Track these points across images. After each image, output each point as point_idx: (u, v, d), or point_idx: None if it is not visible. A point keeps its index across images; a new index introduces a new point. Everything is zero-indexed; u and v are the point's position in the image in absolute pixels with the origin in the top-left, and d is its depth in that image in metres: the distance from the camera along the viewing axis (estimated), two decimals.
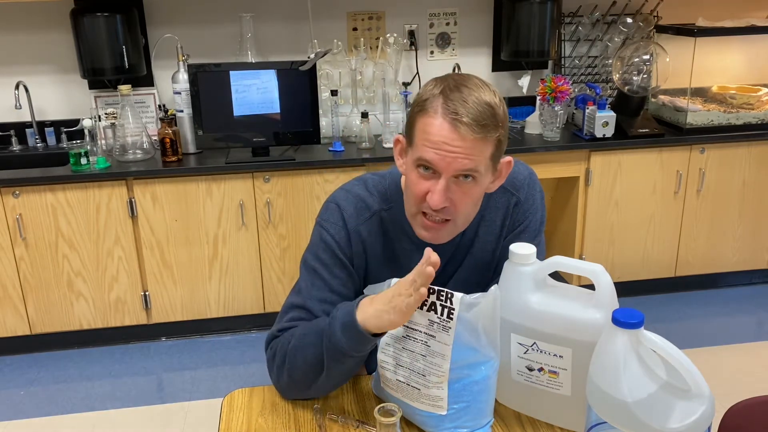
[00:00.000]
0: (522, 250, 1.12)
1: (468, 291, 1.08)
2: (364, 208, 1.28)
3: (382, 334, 1.13)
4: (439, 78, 1.16)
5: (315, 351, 1.15)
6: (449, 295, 1.06)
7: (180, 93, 2.86)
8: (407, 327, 1.11)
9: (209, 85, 2.79)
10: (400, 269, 1.26)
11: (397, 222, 1.29)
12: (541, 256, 1.34)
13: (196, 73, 2.78)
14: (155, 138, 2.92)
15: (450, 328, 1.06)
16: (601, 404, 0.97)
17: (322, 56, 2.85)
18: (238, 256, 2.86)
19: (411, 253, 1.29)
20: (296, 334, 1.20)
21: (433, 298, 1.07)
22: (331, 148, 2.94)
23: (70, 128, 3.09)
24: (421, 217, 1.19)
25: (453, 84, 1.12)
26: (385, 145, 2.97)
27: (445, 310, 1.06)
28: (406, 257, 1.29)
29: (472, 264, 1.33)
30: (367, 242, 1.28)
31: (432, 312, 1.08)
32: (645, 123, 3.06)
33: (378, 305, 1.09)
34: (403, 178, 1.30)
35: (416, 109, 1.15)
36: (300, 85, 2.83)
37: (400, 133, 1.24)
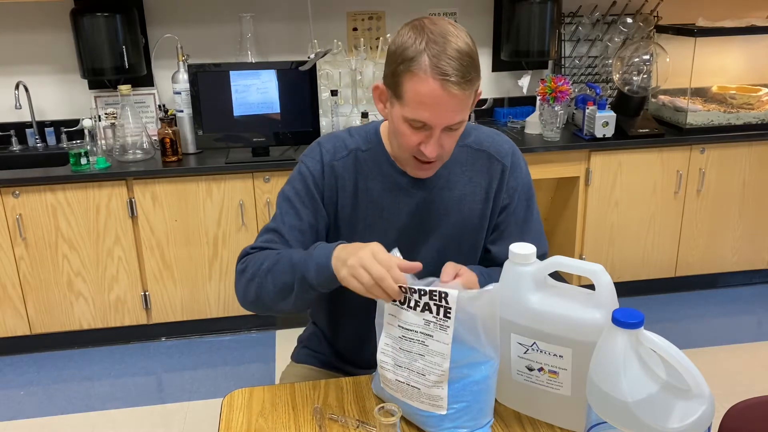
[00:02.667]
0: (522, 250, 1.12)
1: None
2: (342, 147, 1.36)
3: None
4: (415, 27, 1.18)
5: (285, 278, 1.20)
6: (443, 295, 1.05)
7: (180, 93, 2.86)
8: (402, 327, 1.11)
9: (209, 85, 2.79)
10: (369, 205, 1.35)
11: (374, 162, 1.36)
12: (538, 224, 1.43)
13: (196, 73, 2.78)
14: (155, 138, 2.92)
15: (448, 327, 1.06)
16: (601, 404, 0.97)
17: (322, 56, 2.85)
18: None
19: (382, 193, 1.35)
20: (270, 257, 1.25)
21: (425, 299, 1.06)
22: None
23: (70, 128, 3.10)
24: (413, 159, 1.27)
25: (432, 37, 1.15)
26: None
27: (441, 310, 1.06)
28: (377, 195, 1.35)
29: (459, 220, 1.37)
30: (340, 177, 1.35)
31: (427, 312, 1.07)
32: (645, 123, 3.06)
33: (345, 258, 1.11)
34: (383, 126, 1.37)
35: (402, 67, 1.17)
36: (300, 85, 2.83)
37: (379, 81, 1.28)
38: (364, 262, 1.07)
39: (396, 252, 1.13)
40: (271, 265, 1.24)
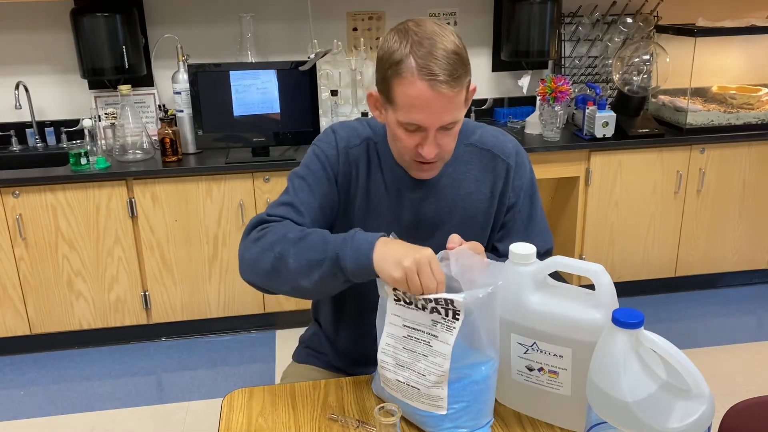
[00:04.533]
0: (522, 250, 1.12)
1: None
2: (356, 135, 1.37)
3: None
4: (399, 31, 1.20)
5: (314, 255, 1.15)
6: (449, 302, 1.05)
7: (180, 93, 2.86)
8: (408, 327, 1.11)
9: (209, 85, 2.79)
10: (378, 196, 1.35)
11: (383, 154, 1.36)
12: (542, 220, 1.45)
13: (196, 73, 2.78)
14: (155, 138, 2.92)
15: (454, 328, 1.06)
16: (601, 404, 0.97)
17: (322, 56, 2.85)
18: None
19: (390, 186, 1.35)
20: (294, 229, 1.21)
21: (432, 304, 1.07)
22: None
23: (70, 128, 3.10)
24: (414, 162, 1.28)
25: (417, 39, 1.16)
26: None
27: (450, 312, 1.06)
28: (384, 188, 1.35)
29: (464, 218, 1.38)
30: (354, 164, 1.35)
31: (435, 313, 1.08)
32: (645, 123, 3.06)
33: (398, 258, 1.08)
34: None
35: (390, 72, 1.18)
36: (300, 85, 2.83)
37: (372, 89, 1.29)
38: (422, 270, 1.05)
39: (393, 237, 1.14)
40: (297, 237, 1.19)
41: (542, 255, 1.37)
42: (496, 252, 1.42)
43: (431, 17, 1.23)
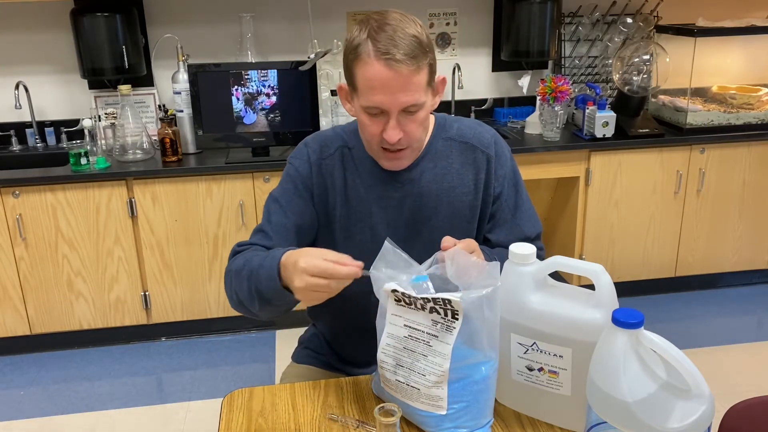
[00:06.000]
0: (522, 250, 1.12)
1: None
2: (328, 145, 1.39)
3: None
4: (362, 21, 1.23)
5: (248, 286, 1.21)
6: (447, 301, 1.05)
7: (180, 93, 2.86)
8: (409, 327, 1.11)
9: (209, 85, 2.79)
10: (359, 202, 1.37)
11: (360, 159, 1.37)
12: (529, 206, 1.45)
13: (196, 73, 2.78)
14: (155, 138, 2.92)
15: (455, 328, 1.06)
16: (601, 404, 0.97)
17: (322, 56, 2.85)
18: None
19: (370, 189, 1.37)
20: (242, 261, 1.26)
21: (430, 304, 1.07)
22: None
23: (70, 128, 3.10)
24: (381, 151, 1.30)
25: (376, 25, 1.19)
26: None
27: (449, 312, 1.06)
28: (365, 192, 1.37)
29: (450, 213, 1.39)
30: (329, 175, 1.37)
31: (435, 313, 1.08)
32: (645, 123, 3.06)
33: (292, 269, 1.11)
34: None
35: (351, 57, 1.22)
36: (300, 85, 2.83)
37: (343, 82, 1.32)
38: (315, 284, 1.07)
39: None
40: (237, 270, 1.25)
41: (533, 240, 1.41)
42: (489, 243, 1.43)
43: (394, 9, 1.26)
